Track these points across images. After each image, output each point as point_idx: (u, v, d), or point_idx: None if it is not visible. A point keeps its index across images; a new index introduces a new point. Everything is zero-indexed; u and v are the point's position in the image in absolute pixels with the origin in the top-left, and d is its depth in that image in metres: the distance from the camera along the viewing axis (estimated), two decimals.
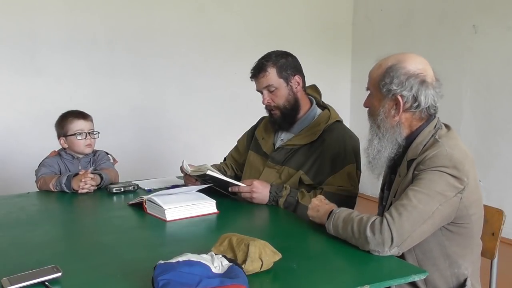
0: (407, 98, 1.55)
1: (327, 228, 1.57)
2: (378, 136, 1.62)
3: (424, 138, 1.57)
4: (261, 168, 2.21)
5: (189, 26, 4.20)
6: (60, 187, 2.24)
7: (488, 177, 3.82)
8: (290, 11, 4.66)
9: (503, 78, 3.72)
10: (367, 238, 1.43)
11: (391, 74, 1.55)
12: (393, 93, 1.55)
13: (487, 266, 1.77)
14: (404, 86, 1.54)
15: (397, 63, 1.56)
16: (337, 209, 1.60)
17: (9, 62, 3.58)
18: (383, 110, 1.59)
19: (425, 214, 1.44)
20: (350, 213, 1.54)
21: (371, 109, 1.65)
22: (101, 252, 1.50)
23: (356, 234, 1.46)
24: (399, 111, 1.57)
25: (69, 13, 3.72)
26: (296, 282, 1.26)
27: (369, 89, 1.65)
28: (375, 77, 1.60)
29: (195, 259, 1.19)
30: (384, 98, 1.58)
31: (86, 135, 2.40)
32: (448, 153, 1.48)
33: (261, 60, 2.13)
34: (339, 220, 1.54)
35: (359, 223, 1.47)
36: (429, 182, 1.46)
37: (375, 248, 1.43)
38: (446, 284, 1.56)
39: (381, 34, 4.70)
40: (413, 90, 1.54)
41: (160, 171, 3.76)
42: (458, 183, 1.47)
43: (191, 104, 4.29)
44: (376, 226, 1.43)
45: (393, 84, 1.54)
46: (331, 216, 1.58)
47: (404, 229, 1.42)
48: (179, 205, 1.82)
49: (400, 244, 1.43)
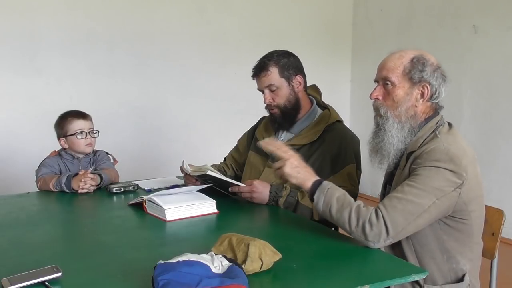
0: (433, 87, 1.60)
1: (315, 201, 1.57)
2: (397, 127, 1.61)
3: (425, 133, 1.60)
4: (261, 168, 2.21)
5: (189, 26, 4.20)
6: (60, 187, 2.24)
7: (488, 177, 3.81)
8: (290, 11, 4.66)
9: (503, 78, 3.72)
10: (364, 230, 1.46)
11: (422, 62, 1.59)
12: (423, 81, 1.59)
13: (487, 266, 1.77)
14: (433, 76, 1.59)
15: (421, 55, 1.61)
16: (327, 182, 1.59)
17: (9, 62, 3.58)
18: (409, 98, 1.60)
19: (420, 208, 1.47)
20: (343, 194, 1.55)
21: (391, 99, 1.62)
22: (101, 252, 1.50)
23: (353, 222, 1.48)
24: (423, 99, 1.61)
25: (69, 13, 3.72)
26: (296, 282, 1.26)
27: (387, 79, 1.61)
28: (400, 66, 1.60)
29: (195, 259, 1.19)
30: (413, 86, 1.60)
31: (86, 134, 2.40)
32: (445, 147, 1.51)
33: (263, 59, 2.13)
34: (333, 198, 1.54)
35: (358, 212, 1.49)
36: (426, 178, 1.48)
37: (372, 239, 1.46)
38: (443, 278, 1.58)
39: (381, 34, 4.70)
40: (438, 81, 1.60)
41: (160, 171, 3.75)
42: (456, 178, 1.48)
43: (191, 104, 4.29)
44: (373, 220, 1.46)
45: (424, 72, 1.59)
46: (322, 189, 1.56)
47: (398, 223, 1.46)
48: (179, 205, 1.82)
49: (394, 236, 1.47)
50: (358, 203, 1.53)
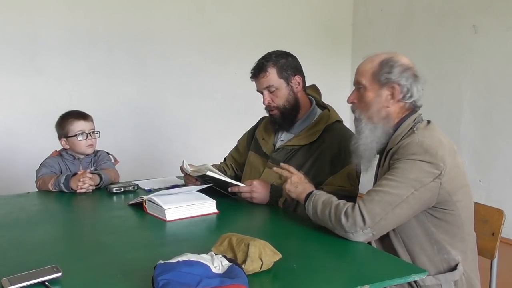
0: (403, 87, 1.63)
1: (306, 208, 1.65)
2: (369, 128, 1.67)
3: (403, 131, 1.64)
4: (261, 168, 2.21)
5: (189, 26, 4.20)
6: (58, 187, 2.24)
7: (488, 177, 3.82)
8: (290, 11, 4.66)
9: (503, 78, 3.72)
10: (340, 222, 1.52)
11: (389, 64, 1.64)
12: (391, 82, 1.63)
13: (487, 266, 1.77)
14: (402, 76, 1.63)
15: (391, 57, 1.66)
16: (317, 191, 1.68)
17: (9, 62, 3.58)
18: (378, 100, 1.65)
19: (397, 198, 1.50)
20: (329, 197, 1.63)
21: (363, 101, 1.69)
22: (101, 252, 1.50)
23: (332, 217, 1.55)
24: (394, 100, 1.65)
25: (69, 13, 3.72)
26: (296, 282, 1.26)
27: (359, 83, 1.69)
28: (370, 69, 1.66)
29: (195, 259, 1.19)
30: (381, 88, 1.65)
31: (87, 135, 2.40)
32: (419, 141, 1.55)
33: (261, 60, 2.13)
34: (319, 202, 1.62)
35: (336, 208, 1.56)
36: (403, 170, 1.53)
37: (349, 230, 1.51)
38: (435, 269, 1.59)
39: (381, 34, 4.70)
40: (409, 81, 1.64)
41: (160, 171, 3.76)
42: (433, 169, 1.52)
43: (191, 104, 4.29)
44: (349, 211, 1.52)
45: (391, 73, 1.63)
46: (311, 196, 1.66)
47: (374, 212, 1.50)
48: (179, 205, 1.82)
49: (373, 226, 1.50)
50: (341, 201, 1.59)
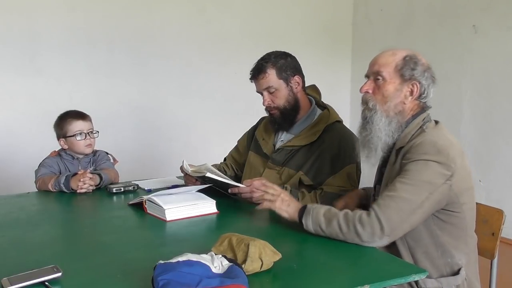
0: (422, 86, 1.63)
1: (304, 225, 1.58)
2: (384, 121, 1.64)
3: (412, 129, 1.63)
4: (261, 169, 2.21)
5: (189, 26, 4.20)
6: (58, 187, 2.24)
7: (488, 177, 3.82)
8: (290, 11, 4.65)
9: (503, 78, 3.72)
10: (357, 231, 1.47)
11: (414, 61, 1.63)
12: (413, 79, 1.62)
13: (487, 266, 1.77)
14: (423, 75, 1.63)
15: (414, 54, 1.65)
16: (312, 205, 1.62)
17: (9, 62, 3.57)
18: (398, 94, 1.63)
19: (413, 204, 1.48)
20: (329, 209, 1.57)
21: (381, 93, 1.65)
22: (101, 252, 1.50)
23: (344, 229, 1.49)
24: (412, 97, 1.64)
25: (69, 13, 3.72)
26: (296, 282, 1.26)
27: (379, 73, 1.65)
28: (393, 62, 1.64)
29: (195, 259, 1.19)
30: (403, 83, 1.63)
31: (86, 135, 2.39)
32: (431, 140, 1.54)
33: (260, 62, 2.13)
34: (319, 216, 1.55)
35: (345, 218, 1.51)
36: (416, 172, 1.50)
37: (367, 239, 1.47)
38: (438, 272, 1.59)
39: (381, 34, 4.70)
40: (428, 81, 1.64)
41: (160, 171, 3.75)
42: (445, 170, 1.51)
43: (191, 104, 4.29)
44: (365, 219, 1.48)
45: (415, 70, 1.62)
46: (308, 212, 1.58)
47: (392, 219, 1.47)
48: (179, 205, 1.82)
49: (390, 233, 1.47)
50: (345, 211, 1.54)
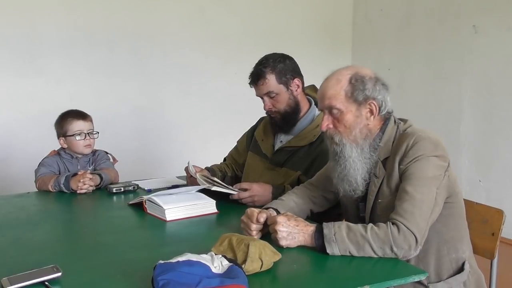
0: (379, 101, 1.57)
1: (330, 253, 1.41)
2: (356, 151, 1.57)
3: (390, 136, 1.59)
4: (261, 169, 2.21)
5: (189, 26, 4.20)
6: (58, 187, 2.24)
7: (488, 177, 3.82)
8: (290, 11, 4.65)
9: (503, 78, 3.72)
10: (394, 252, 1.40)
11: (361, 80, 1.56)
12: (368, 99, 1.56)
13: (487, 266, 1.76)
14: (376, 90, 1.56)
15: (356, 72, 1.58)
16: (326, 228, 1.44)
17: (9, 62, 3.57)
18: (359, 120, 1.57)
19: (430, 203, 1.47)
20: (350, 230, 1.43)
21: (343, 125, 1.58)
22: (101, 252, 1.50)
23: (379, 253, 1.41)
24: (373, 116, 1.58)
25: (69, 13, 3.71)
26: (296, 282, 1.26)
27: (332, 107, 1.58)
28: (341, 91, 1.56)
29: (195, 259, 1.19)
30: (359, 107, 1.57)
31: (86, 135, 2.39)
32: (424, 137, 1.52)
33: (259, 67, 2.09)
34: (345, 241, 1.41)
35: (377, 241, 1.40)
36: (421, 172, 1.49)
37: (404, 256, 1.42)
38: (446, 271, 1.59)
39: (381, 34, 4.70)
40: (382, 93, 1.57)
41: (160, 171, 3.75)
42: (443, 162, 1.52)
43: (191, 104, 4.29)
44: (397, 237, 1.40)
45: (366, 90, 1.55)
46: (329, 240, 1.42)
47: (420, 227, 1.44)
48: (179, 205, 1.82)
49: (421, 241, 1.44)
50: (368, 227, 1.43)
